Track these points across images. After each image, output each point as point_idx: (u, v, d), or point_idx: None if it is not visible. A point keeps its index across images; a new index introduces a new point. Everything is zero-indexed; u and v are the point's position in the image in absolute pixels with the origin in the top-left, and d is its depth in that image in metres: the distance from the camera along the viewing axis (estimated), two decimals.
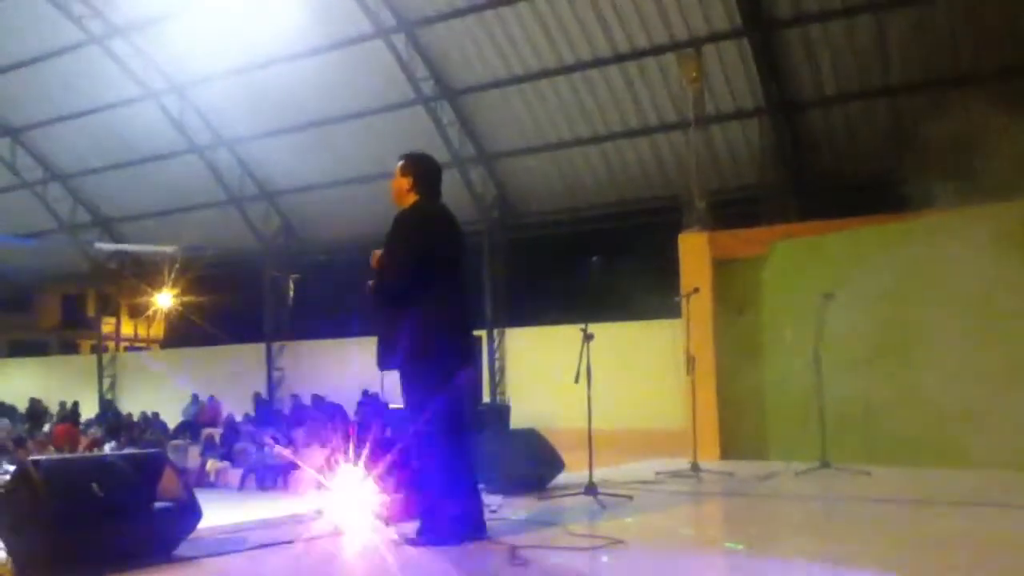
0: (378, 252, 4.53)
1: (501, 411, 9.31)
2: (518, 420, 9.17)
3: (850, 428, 7.66)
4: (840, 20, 13.28)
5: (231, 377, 21.47)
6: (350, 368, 19.13)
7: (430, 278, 4.37)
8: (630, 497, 5.98)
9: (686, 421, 8.20)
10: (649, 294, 11.32)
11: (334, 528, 4.97)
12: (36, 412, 23.68)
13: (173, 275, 20.36)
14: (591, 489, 5.90)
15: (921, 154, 7.70)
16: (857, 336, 7.63)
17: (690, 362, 7.78)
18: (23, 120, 20.51)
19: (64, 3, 16.90)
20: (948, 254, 7.13)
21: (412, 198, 4.58)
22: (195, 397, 21.46)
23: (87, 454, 14.01)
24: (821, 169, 14.74)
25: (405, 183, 4.60)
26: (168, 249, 20.03)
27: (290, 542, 4.68)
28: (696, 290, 8.04)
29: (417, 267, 4.36)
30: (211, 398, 21.37)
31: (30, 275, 25.50)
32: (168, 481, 4.38)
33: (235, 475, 17.88)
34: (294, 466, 17.16)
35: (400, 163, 4.67)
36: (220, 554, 4.37)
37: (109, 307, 26.64)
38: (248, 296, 21.48)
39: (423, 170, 4.65)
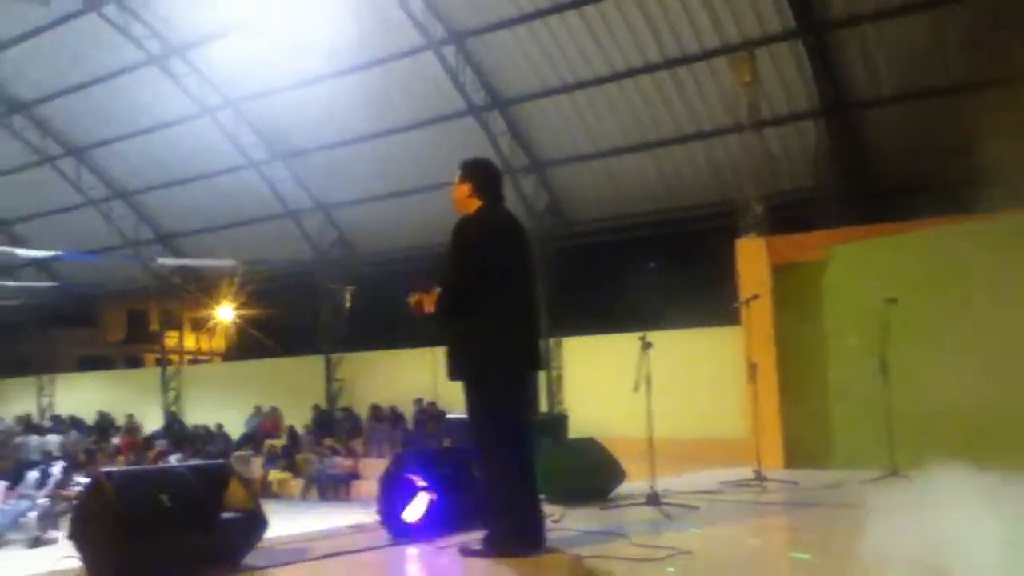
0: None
1: (559, 421, 9.27)
2: (576, 430, 9.12)
3: (920, 435, 7.49)
4: (896, 19, 13.01)
5: (291, 389, 21.77)
6: (407, 378, 19.34)
7: (493, 286, 4.34)
8: (694, 507, 5.91)
9: (748, 429, 8.09)
10: (706, 301, 11.21)
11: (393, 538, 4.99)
12: (104, 425, 24.28)
13: (233, 288, 20.73)
14: (654, 499, 5.84)
15: (982, 154, 7.50)
16: (923, 341, 7.46)
17: (751, 369, 7.68)
18: (86, 140, 21.06)
19: (124, 25, 17.33)
20: (1015, 256, 6.94)
21: (474, 204, 4.54)
22: (257, 409, 21.80)
23: (156, 466, 14.29)
24: (880, 171, 14.44)
25: (465, 189, 4.57)
26: (228, 263, 20.38)
27: (353, 552, 4.72)
28: (755, 296, 7.94)
29: (480, 275, 4.33)
30: (273, 409, 21.69)
31: (96, 291, 26.19)
32: (234, 492, 4.44)
33: (297, 485, 18.13)
34: (355, 476, 17.35)
35: (459, 170, 4.64)
36: (286, 564, 4.41)
37: (172, 321, 27.18)
38: (305, 308, 21.74)
39: (482, 175, 4.61)
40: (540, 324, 4.78)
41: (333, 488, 17.56)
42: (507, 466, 4.34)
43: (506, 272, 4.41)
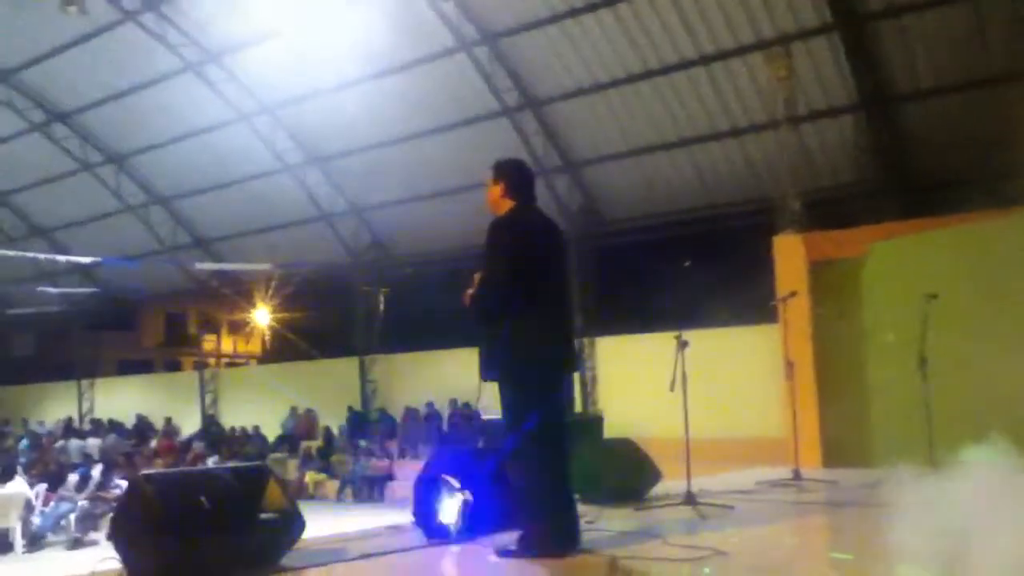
0: (478, 276, 4.45)
1: (595, 421, 9.22)
2: (611, 430, 9.08)
3: (960, 433, 7.34)
4: (935, 9, 12.80)
5: (326, 390, 21.91)
6: (441, 379, 19.38)
7: (527, 286, 4.33)
8: (731, 507, 5.84)
9: (786, 428, 7.98)
10: (743, 299, 11.10)
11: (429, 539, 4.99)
12: (142, 428, 24.61)
13: (269, 292, 20.93)
14: (690, 499, 5.79)
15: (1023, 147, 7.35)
16: (963, 337, 7.32)
17: (789, 367, 7.59)
18: (126, 147, 21.38)
19: (161, 33, 17.56)
20: None
21: (507, 204, 4.54)
22: (293, 410, 21.98)
23: (195, 468, 14.43)
24: (920, 165, 14.21)
25: (497, 190, 4.57)
26: (264, 266, 20.58)
27: (389, 552, 4.72)
28: (793, 293, 7.85)
29: (514, 276, 4.32)
30: (308, 411, 21.85)
31: (135, 296, 26.58)
32: (272, 493, 4.46)
33: (332, 487, 18.21)
34: (390, 477, 17.41)
35: (491, 171, 4.64)
36: (323, 564, 4.43)
37: (210, 324, 27.54)
38: (340, 310, 21.91)
39: (514, 175, 4.62)
40: (573, 324, 4.74)
41: (368, 489, 17.62)
42: (541, 467, 4.32)
43: (538, 272, 4.39)
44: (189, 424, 24.22)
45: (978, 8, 12.53)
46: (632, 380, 15.48)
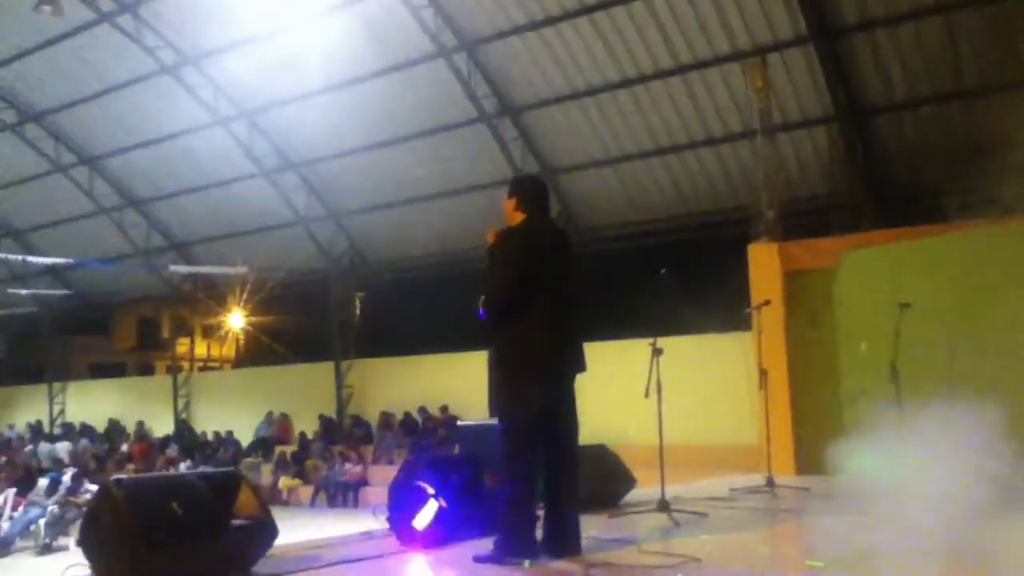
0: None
1: None
2: (586, 436, 9.06)
3: None
4: (908, 23, 12.96)
5: (301, 395, 21.80)
6: (417, 385, 19.34)
7: (530, 294, 4.50)
8: (705, 514, 5.87)
9: (759, 436, 8.03)
10: (718, 307, 11.16)
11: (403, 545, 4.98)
12: (114, 432, 24.37)
13: (244, 296, 20.80)
14: (664, 506, 5.82)
15: (997, 158, 7.45)
16: (935, 347, 7.39)
17: (762, 376, 7.63)
18: (100, 149, 21.16)
19: (138, 35, 17.42)
20: None
21: (519, 217, 4.76)
22: (268, 415, 21.84)
23: (166, 473, 14.31)
24: (893, 176, 14.37)
25: (511, 205, 4.81)
26: (239, 270, 20.45)
27: (363, 559, 4.71)
28: (767, 302, 7.91)
29: (517, 285, 4.51)
30: (283, 416, 21.72)
31: (108, 299, 26.32)
32: (245, 499, 4.45)
33: (306, 492, 18.12)
34: (364, 482, 17.34)
35: (508, 187, 4.92)
36: (296, 571, 4.41)
37: (183, 328, 27.28)
38: (316, 315, 21.81)
39: (525, 190, 4.88)
40: (580, 330, 4.86)
41: (342, 495, 17.56)
42: (521, 471, 4.41)
43: (544, 280, 4.56)
44: (162, 428, 23.99)
45: (950, 23, 12.71)
46: (606, 386, 15.41)
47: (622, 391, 9.10)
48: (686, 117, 15.36)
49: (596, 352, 16.89)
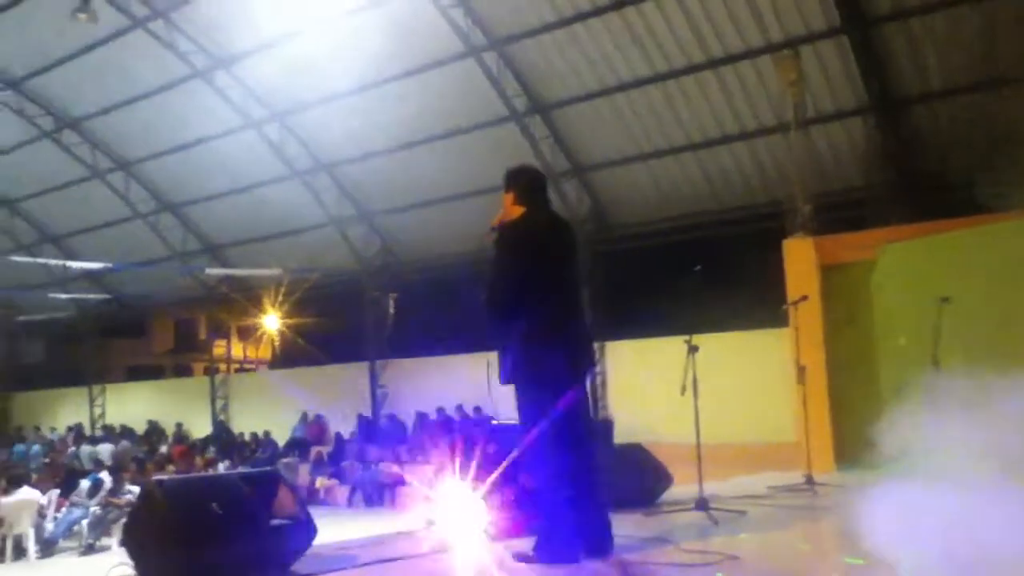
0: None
1: (605, 426, 9.21)
2: (622, 435, 9.04)
3: None
4: (942, 12, 12.77)
5: (337, 396, 21.92)
6: (452, 385, 19.36)
7: (538, 289, 4.36)
8: (743, 512, 5.82)
9: (798, 433, 7.95)
10: (754, 303, 11.08)
11: (442, 544, 4.98)
12: (153, 434, 24.68)
13: (279, 297, 20.96)
14: (702, 504, 5.77)
15: None
16: (977, 341, 7.28)
17: (800, 372, 7.56)
18: (135, 154, 21.44)
19: (170, 40, 17.62)
20: None
21: (519, 211, 4.62)
22: (304, 415, 22.00)
23: (206, 474, 14.46)
24: (930, 168, 14.15)
25: (509, 198, 4.69)
26: (273, 272, 20.62)
27: (400, 558, 4.72)
28: (804, 298, 7.82)
29: (524, 278, 4.37)
30: (319, 416, 21.87)
31: (145, 302, 26.68)
32: (283, 499, 4.48)
33: (343, 492, 18.21)
34: (401, 482, 17.39)
35: (503, 181, 4.76)
36: (334, 570, 4.42)
37: (220, 330, 27.56)
38: (350, 316, 21.93)
39: (522, 181, 4.74)
40: (585, 322, 4.76)
41: (379, 494, 17.62)
42: (558, 470, 4.31)
43: (547, 272, 4.43)
44: (200, 430, 24.27)
45: (985, 10, 12.49)
46: (642, 385, 15.42)
47: (658, 389, 9.02)
48: (718, 111, 15.23)
49: (631, 350, 16.98)
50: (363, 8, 15.57)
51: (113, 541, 13.36)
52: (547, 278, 4.42)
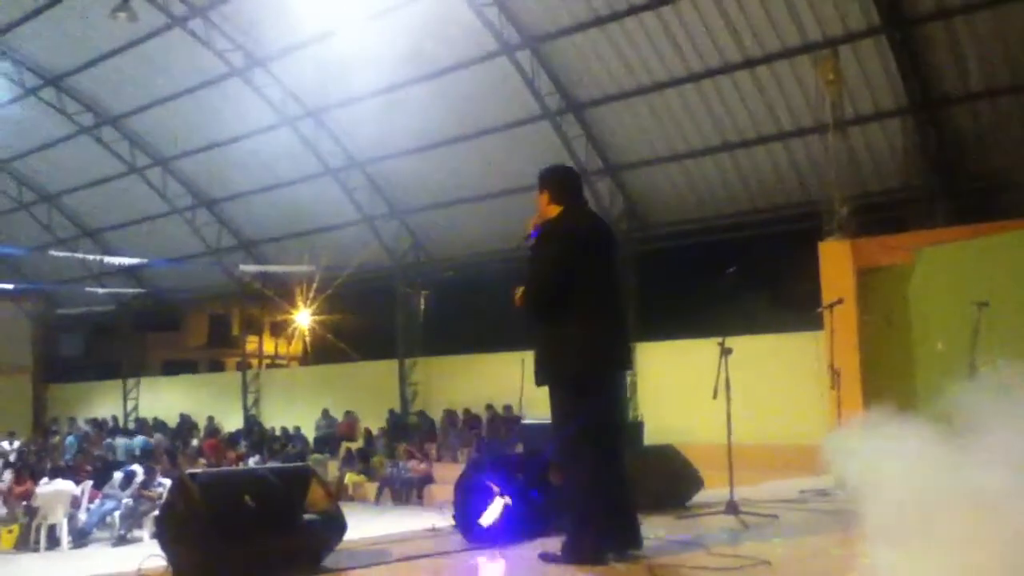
0: (520, 289, 4.47)
1: (636, 427, 9.15)
2: (652, 436, 9.00)
3: None
4: (985, 11, 12.55)
5: (367, 392, 22.04)
6: (481, 383, 19.39)
7: (574, 288, 4.32)
8: (775, 516, 5.75)
9: None
10: (788, 305, 10.97)
11: (468, 543, 4.97)
12: (185, 427, 24.95)
13: (311, 294, 21.11)
14: (733, 507, 5.72)
15: None
16: (1016, 345, 7.14)
17: (834, 376, 7.46)
18: (173, 150, 21.70)
19: (209, 39, 17.80)
20: None
21: (555, 210, 4.57)
22: (325, 412, 22.10)
23: (239, 468, 14.58)
24: (970, 169, 13.92)
25: (544, 199, 4.63)
26: (306, 269, 20.76)
27: (429, 555, 4.72)
28: (839, 300, 7.71)
29: (563, 278, 4.33)
30: (348, 413, 21.98)
31: (180, 297, 27.00)
32: (315, 494, 4.49)
33: (372, 488, 18.30)
34: (429, 479, 17.45)
35: (538, 182, 4.70)
36: (365, 566, 4.43)
37: (253, 326, 27.78)
38: (381, 313, 22.03)
39: (556, 180, 4.67)
40: (625, 320, 4.71)
41: (407, 492, 17.68)
42: (588, 470, 4.28)
43: (586, 273, 4.38)
44: (231, 424, 24.49)
45: None
46: (674, 386, 15.35)
47: (690, 391, 8.98)
48: (754, 111, 15.09)
49: (663, 351, 16.89)
50: (398, 6, 15.61)
51: (145, 533, 13.53)
52: (586, 278, 4.36)
